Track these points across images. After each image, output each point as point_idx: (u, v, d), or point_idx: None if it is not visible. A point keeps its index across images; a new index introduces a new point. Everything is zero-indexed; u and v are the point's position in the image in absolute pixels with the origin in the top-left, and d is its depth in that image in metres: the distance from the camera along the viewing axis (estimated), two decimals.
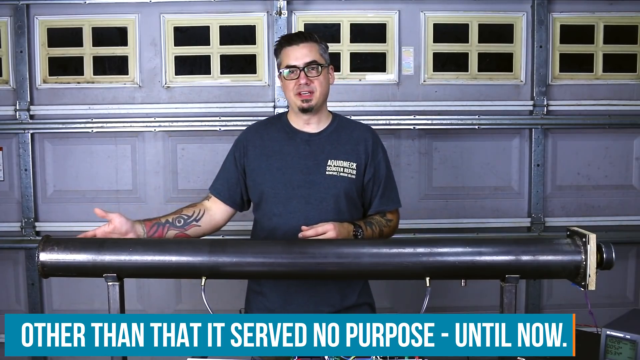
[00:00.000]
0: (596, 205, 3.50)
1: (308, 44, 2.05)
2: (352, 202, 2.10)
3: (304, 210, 2.04)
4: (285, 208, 2.05)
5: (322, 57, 2.07)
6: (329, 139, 2.11)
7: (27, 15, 3.32)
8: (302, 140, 2.10)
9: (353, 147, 2.10)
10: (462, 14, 3.39)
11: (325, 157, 2.07)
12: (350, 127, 2.16)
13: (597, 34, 3.42)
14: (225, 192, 2.15)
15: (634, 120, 3.42)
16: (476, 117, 3.37)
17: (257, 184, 2.10)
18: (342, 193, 2.06)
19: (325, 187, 2.05)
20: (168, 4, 3.34)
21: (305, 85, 2.02)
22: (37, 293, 3.43)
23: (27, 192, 3.39)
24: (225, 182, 2.15)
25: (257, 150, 2.12)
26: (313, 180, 2.05)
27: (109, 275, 1.63)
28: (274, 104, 3.36)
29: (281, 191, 2.06)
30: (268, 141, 2.12)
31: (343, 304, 2.10)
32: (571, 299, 3.30)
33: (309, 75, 2.02)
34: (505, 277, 1.60)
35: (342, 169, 2.07)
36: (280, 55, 2.09)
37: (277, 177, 2.07)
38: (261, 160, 2.10)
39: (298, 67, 2.02)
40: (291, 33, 2.14)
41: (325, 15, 3.38)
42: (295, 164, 2.07)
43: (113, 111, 3.37)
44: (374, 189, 2.13)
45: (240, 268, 1.66)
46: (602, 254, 1.56)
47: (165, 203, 3.44)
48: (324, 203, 2.05)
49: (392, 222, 2.16)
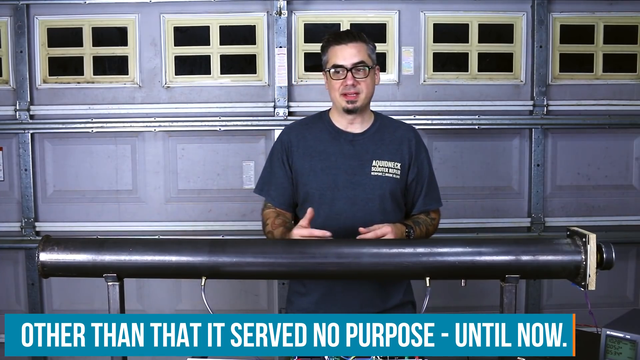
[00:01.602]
0: (596, 205, 3.50)
1: (357, 43, 2.01)
2: (397, 202, 2.09)
3: (350, 211, 2.03)
4: (331, 209, 2.03)
5: (369, 57, 2.04)
6: (372, 139, 2.09)
7: (27, 15, 3.33)
8: (346, 141, 2.08)
9: (397, 146, 2.09)
10: (462, 14, 3.39)
11: (369, 157, 2.06)
12: (393, 126, 2.14)
13: (597, 34, 3.42)
14: (287, 200, 2.11)
15: (634, 120, 3.42)
16: (476, 117, 3.37)
17: (301, 184, 2.08)
18: (387, 193, 2.05)
19: (371, 188, 2.04)
20: (168, 4, 3.34)
21: (351, 86, 2.00)
22: (37, 293, 3.43)
23: (27, 192, 3.39)
24: (280, 189, 2.11)
25: (301, 150, 2.09)
26: (358, 181, 2.04)
27: (109, 275, 1.63)
28: (274, 104, 3.36)
29: (326, 192, 2.04)
30: (311, 141, 2.09)
31: (388, 303, 2.09)
32: (571, 299, 3.30)
33: (355, 77, 2.00)
34: (505, 277, 1.60)
35: (387, 169, 2.05)
36: (327, 53, 2.05)
37: (322, 178, 2.05)
38: (305, 160, 2.08)
39: (345, 68, 1.99)
40: (340, 31, 2.10)
41: (325, 15, 3.38)
42: (340, 164, 2.05)
43: (113, 111, 3.37)
44: (417, 189, 2.12)
45: (240, 268, 1.66)
46: (602, 254, 1.56)
47: (165, 203, 3.44)
48: (370, 204, 2.03)
49: (435, 220, 2.16)
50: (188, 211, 3.44)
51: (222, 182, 3.44)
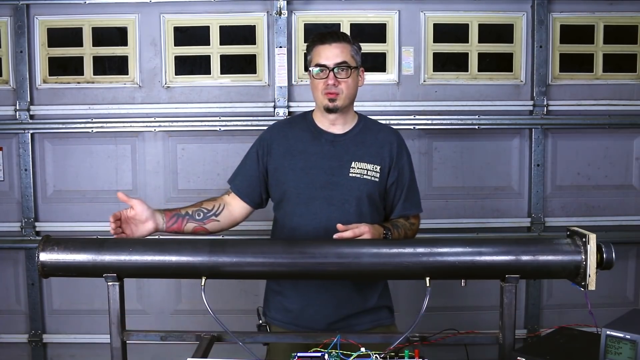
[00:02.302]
0: (596, 205, 3.50)
1: (340, 44, 2.02)
2: (374, 204, 2.08)
3: (326, 211, 2.03)
4: (307, 209, 2.04)
5: (353, 58, 2.04)
6: (354, 140, 2.09)
7: (27, 15, 3.32)
8: (327, 141, 2.08)
9: (377, 149, 2.08)
10: (462, 14, 3.39)
11: (349, 158, 2.06)
12: (376, 129, 2.14)
13: (597, 34, 3.42)
14: (244, 189, 2.13)
15: (634, 120, 3.42)
16: (476, 117, 3.37)
17: (280, 182, 2.09)
18: (364, 195, 2.05)
19: (348, 189, 2.04)
20: (168, 4, 3.34)
21: (332, 86, 2.00)
22: (37, 293, 3.43)
23: (27, 192, 3.39)
24: (246, 180, 2.14)
25: (282, 149, 2.10)
26: (336, 182, 2.04)
27: (109, 275, 1.63)
28: (274, 104, 3.36)
29: (304, 191, 2.05)
30: (293, 140, 2.10)
31: (363, 305, 2.09)
32: (571, 299, 3.30)
33: (337, 77, 2.01)
34: (505, 277, 1.60)
35: (366, 172, 2.05)
36: (311, 53, 2.06)
37: (301, 177, 2.05)
38: (285, 159, 2.08)
39: (328, 67, 2.00)
40: (325, 31, 2.13)
41: (325, 15, 3.38)
42: (320, 164, 2.06)
43: (113, 111, 3.37)
44: (397, 193, 2.11)
45: (240, 268, 1.66)
46: (602, 254, 1.56)
47: (165, 203, 3.44)
48: (346, 205, 2.03)
49: (415, 225, 2.15)
50: None
51: (222, 182, 3.41)
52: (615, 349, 1.37)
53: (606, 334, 1.39)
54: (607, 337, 1.39)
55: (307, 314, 2.08)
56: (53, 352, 3.53)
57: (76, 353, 3.52)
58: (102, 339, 3.31)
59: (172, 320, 3.46)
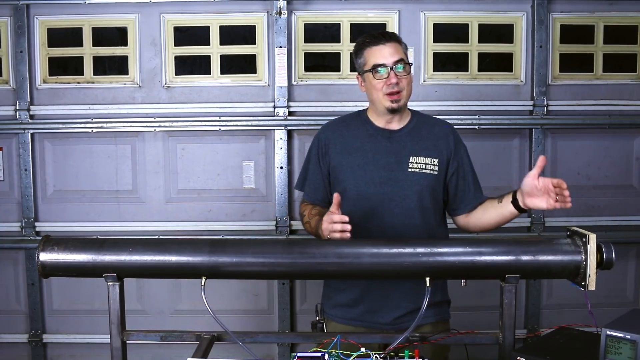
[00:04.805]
0: (596, 205, 3.50)
1: (394, 43, 2.04)
2: (436, 198, 2.09)
3: (388, 207, 2.03)
4: (368, 205, 2.04)
5: (406, 56, 2.06)
6: (409, 135, 2.10)
7: (27, 15, 3.32)
8: (384, 137, 2.09)
9: (434, 143, 2.10)
10: (462, 14, 3.39)
11: (407, 153, 2.06)
12: (430, 123, 2.16)
13: (597, 34, 3.42)
14: (320, 195, 2.14)
15: (634, 120, 3.42)
16: (476, 117, 3.37)
17: (339, 181, 2.09)
18: (425, 190, 2.05)
19: (408, 184, 2.04)
20: (168, 4, 3.34)
21: (395, 85, 2.01)
22: (37, 293, 3.43)
23: (27, 192, 3.39)
24: (314, 186, 2.15)
25: (339, 147, 2.11)
26: (396, 177, 2.04)
27: (109, 275, 1.63)
28: (274, 104, 3.35)
29: (363, 188, 2.05)
30: (349, 138, 2.11)
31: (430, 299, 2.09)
32: (571, 299, 3.29)
33: (398, 74, 2.01)
34: (505, 277, 1.60)
35: (425, 166, 2.06)
36: (363, 55, 2.06)
37: (359, 175, 2.06)
38: (342, 157, 2.09)
39: (387, 66, 2.00)
40: (374, 32, 2.12)
41: (325, 15, 3.38)
42: (377, 160, 2.06)
43: (113, 111, 3.37)
44: (460, 184, 2.12)
45: (240, 268, 1.66)
46: (602, 254, 1.56)
47: (165, 203, 3.45)
48: (407, 200, 2.04)
49: None
50: (188, 211, 3.44)
51: (222, 182, 3.45)
52: (615, 349, 1.37)
53: (606, 334, 1.38)
54: (607, 337, 1.38)
55: (373, 309, 2.07)
56: (53, 352, 3.53)
57: (76, 353, 3.52)
58: (102, 339, 3.31)
59: (172, 320, 3.46)
